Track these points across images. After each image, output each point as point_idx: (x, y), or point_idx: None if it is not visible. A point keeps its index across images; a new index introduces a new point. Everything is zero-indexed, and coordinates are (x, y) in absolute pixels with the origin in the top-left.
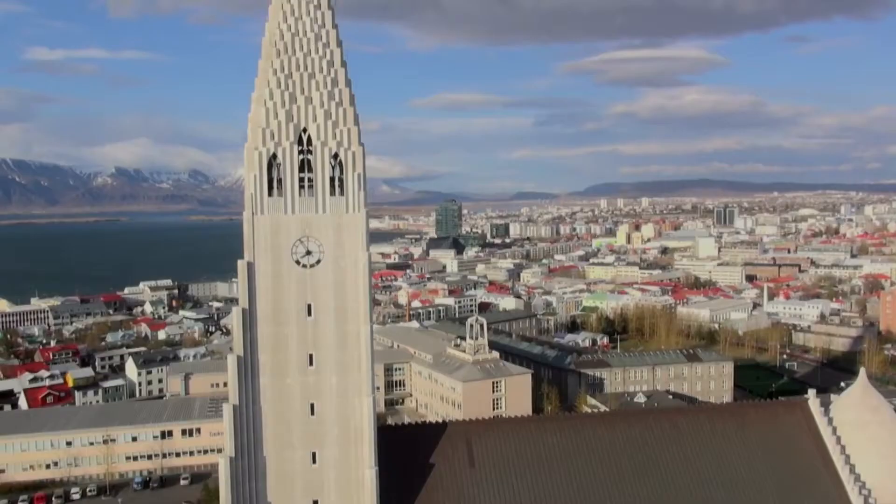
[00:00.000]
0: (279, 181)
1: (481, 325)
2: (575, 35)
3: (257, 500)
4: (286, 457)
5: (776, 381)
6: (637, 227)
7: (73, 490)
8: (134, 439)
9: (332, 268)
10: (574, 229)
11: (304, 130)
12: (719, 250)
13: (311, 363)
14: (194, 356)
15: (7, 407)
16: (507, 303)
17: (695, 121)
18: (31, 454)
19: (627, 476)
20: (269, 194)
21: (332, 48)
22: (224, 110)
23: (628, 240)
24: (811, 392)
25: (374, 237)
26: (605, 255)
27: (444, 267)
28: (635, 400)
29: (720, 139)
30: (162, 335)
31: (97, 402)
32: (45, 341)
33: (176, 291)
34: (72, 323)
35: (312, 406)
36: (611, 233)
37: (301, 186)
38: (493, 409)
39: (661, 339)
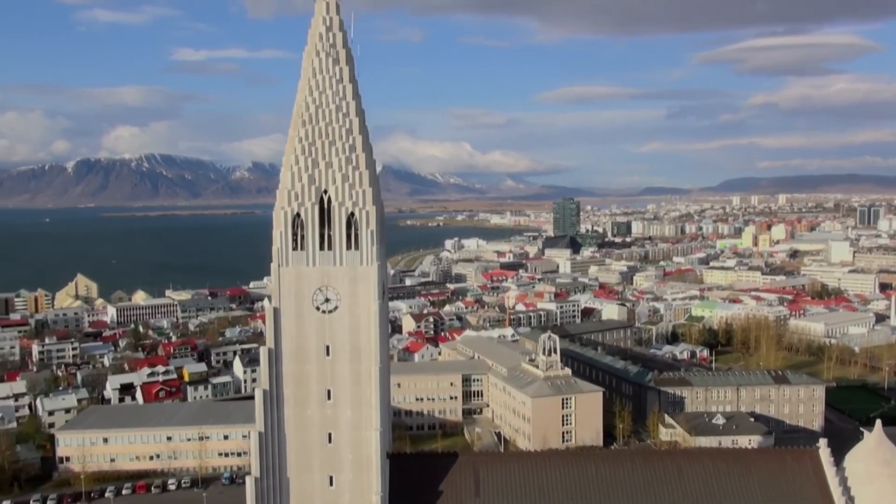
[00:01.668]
0: (303, 237)
1: (554, 342)
2: (711, 23)
3: None
4: (306, 479)
5: (883, 404)
6: (768, 227)
7: (170, 481)
8: (226, 437)
9: (347, 314)
10: (700, 228)
11: (325, 192)
12: (854, 255)
13: (328, 397)
14: None
15: (128, 399)
16: (610, 310)
17: (843, 111)
18: (138, 446)
19: None
20: (294, 248)
21: (352, 117)
22: None
23: (755, 241)
24: (822, 441)
25: (493, 234)
26: (726, 258)
27: (558, 267)
28: (713, 421)
29: (871, 131)
30: None
31: (207, 396)
32: (171, 335)
33: None
34: (197, 317)
35: (330, 435)
36: (739, 233)
37: (322, 241)
38: (563, 425)
39: (763, 353)
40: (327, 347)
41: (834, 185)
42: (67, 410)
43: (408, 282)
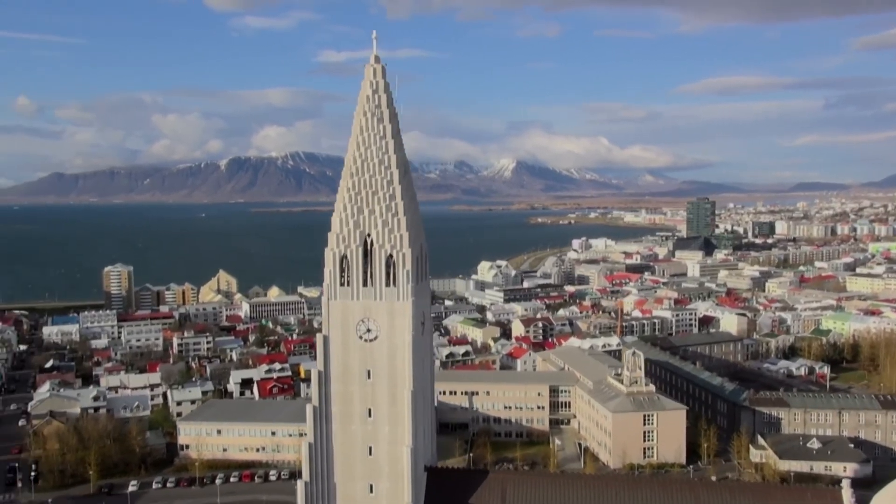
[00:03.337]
0: (348, 275)
1: (638, 358)
2: (875, 5)
3: None
4: (350, 486)
5: None
6: None
7: (272, 472)
8: None
9: (386, 343)
10: (854, 229)
11: (368, 236)
12: None
13: (369, 415)
14: None
15: (247, 393)
16: (728, 320)
17: None
18: (246, 439)
19: None
20: (341, 285)
21: (393, 170)
22: (488, 102)
23: None
24: (845, 482)
25: (625, 233)
26: (875, 264)
27: (687, 271)
28: (807, 445)
29: None
30: None
31: None
32: (295, 332)
33: None
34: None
35: (371, 448)
36: None
37: (364, 279)
38: (644, 441)
39: (888, 372)
40: (368, 371)
41: None
42: (193, 402)
43: (526, 283)
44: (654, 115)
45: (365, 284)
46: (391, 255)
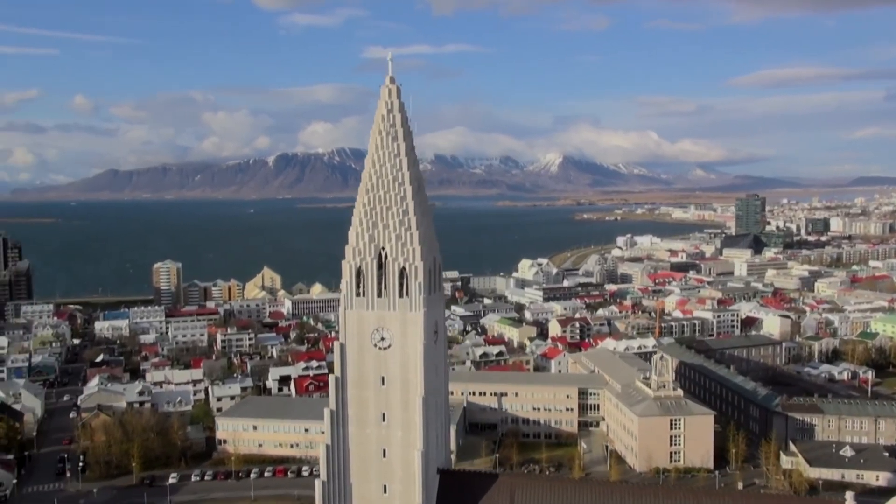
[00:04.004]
0: (364, 286)
1: (666, 363)
2: None
3: None
4: (365, 487)
5: None
6: None
7: (304, 468)
8: None
9: (399, 351)
10: None
11: (382, 249)
12: None
13: (383, 420)
14: None
15: (285, 389)
16: (771, 322)
17: None
18: (281, 435)
19: None
20: (357, 295)
21: (406, 186)
22: (534, 97)
23: None
24: (849, 495)
25: (673, 229)
26: None
27: (734, 270)
28: (840, 452)
29: None
30: None
31: None
32: (334, 329)
33: (459, 283)
34: None
35: (384, 451)
36: None
37: (379, 290)
38: (671, 445)
39: None
40: (382, 378)
41: None
42: (232, 397)
43: (567, 282)
44: (705, 109)
45: (379, 295)
46: (404, 268)
